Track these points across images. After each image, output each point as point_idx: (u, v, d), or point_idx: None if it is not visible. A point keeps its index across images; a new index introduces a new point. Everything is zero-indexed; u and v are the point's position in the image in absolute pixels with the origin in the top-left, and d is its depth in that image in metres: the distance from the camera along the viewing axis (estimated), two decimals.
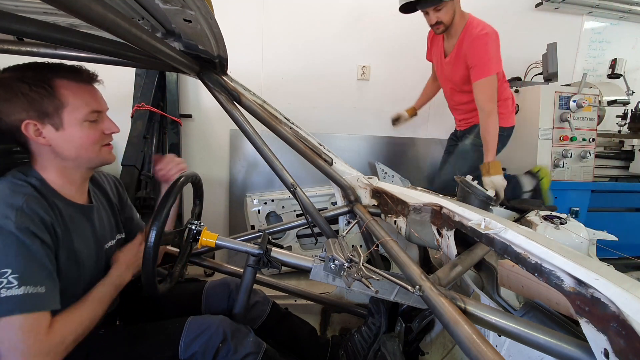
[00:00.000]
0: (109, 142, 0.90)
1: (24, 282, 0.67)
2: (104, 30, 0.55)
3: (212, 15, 0.74)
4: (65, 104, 0.79)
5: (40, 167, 0.83)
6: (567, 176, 2.24)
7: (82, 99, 0.82)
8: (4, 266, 0.67)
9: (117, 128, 0.90)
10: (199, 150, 2.50)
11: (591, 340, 0.54)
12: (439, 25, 1.78)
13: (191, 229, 1.02)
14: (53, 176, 0.83)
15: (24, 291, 0.67)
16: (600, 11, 2.79)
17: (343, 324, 1.60)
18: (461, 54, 1.82)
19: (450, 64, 1.93)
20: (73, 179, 0.87)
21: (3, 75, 0.78)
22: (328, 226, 1.44)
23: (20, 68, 0.79)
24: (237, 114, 1.27)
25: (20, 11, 0.92)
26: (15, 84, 0.76)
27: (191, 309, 1.06)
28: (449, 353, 1.19)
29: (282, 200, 2.39)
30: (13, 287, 0.66)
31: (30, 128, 0.77)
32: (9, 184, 0.76)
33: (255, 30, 2.42)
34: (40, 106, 0.77)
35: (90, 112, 0.83)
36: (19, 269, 0.67)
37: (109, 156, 0.90)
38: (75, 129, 0.81)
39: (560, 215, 1.13)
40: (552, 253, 0.62)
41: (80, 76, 0.83)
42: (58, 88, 0.79)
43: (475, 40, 1.74)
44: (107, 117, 0.89)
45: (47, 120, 0.78)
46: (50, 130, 0.79)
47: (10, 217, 0.69)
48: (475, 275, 1.10)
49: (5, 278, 0.66)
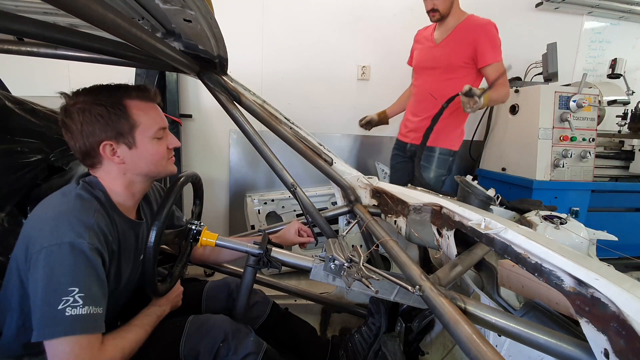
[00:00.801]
0: (172, 155, 0.93)
1: (88, 302, 0.69)
2: (104, 30, 0.55)
3: (212, 15, 0.74)
4: (138, 124, 0.82)
5: (107, 181, 0.85)
6: (567, 176, 2.24)
7: (151, 118, 0.85)
8: (72, 285, 0.68)
9: (179, 142, 0.94)
10: (199, 150, 2.50)
11: (591, 340, 0.54)
12: (435, 13, 1.81)
13: (191, 229, 1.02)
14: (118, 190, 0.86)
15: (87, 311, 0.69)
16: (600, 11, 2.79)
17: (343, 324, 1.60)
18: (459, 37, 1.83)
19: (443, 48, 1.88)
20: (135, 193, 0.90)
21: (78, 99, 0.80)
22: (328, 226, 1.44)
23: (93, 91, 0.81)
24: (237, 114, 1.27)
25: (20, 11, 0.92)
26: (93, 107, 0.79)
27: (191, 309, 1.06)
28: (449, 353, 1.19)
29: (282, 200, 2.39)
30: (78, 307, 0.68)
31: (107, 149, 0.81)
32: (78, 198, 0.78)
33: (255, 30, 2.42)
34: (117, 127, 0.80)
35: (158, 129, 0.86)
36: (85, 289, 0.69)
37: (173, 167, 0.94)
38: (147, 146, 0.84)
39: (560, 215, 1.13)
40: (552, 253, 0.62)
41: (148, 95, 0.86)
42: (130, 108, 0.82)
43: (486, 25, 1.79)
44: (169, 132, 0.92)
45: (121, 139, 0.82)
46: (124, 149, 0.82)
47: (84, 236, 0.72)
48: (475, 275, 1.10)
49: (72, 297, 0.68)
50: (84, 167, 0.89)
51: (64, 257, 0.69)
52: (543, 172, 2.21)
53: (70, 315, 0.67)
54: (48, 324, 0.67)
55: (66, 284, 0.68)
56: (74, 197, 0.79)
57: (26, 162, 1.09)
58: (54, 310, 0.67)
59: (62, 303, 0.67)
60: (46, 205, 0.79)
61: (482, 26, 1.79)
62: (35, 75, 2.11)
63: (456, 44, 1.85)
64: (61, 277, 0.68)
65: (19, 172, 1.06)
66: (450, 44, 1.87)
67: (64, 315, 0.67)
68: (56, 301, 0.67)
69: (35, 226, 0.74)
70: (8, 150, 1.05)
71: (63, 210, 0.75)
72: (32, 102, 1.19)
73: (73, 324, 0.67)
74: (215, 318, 0.96)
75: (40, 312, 0.68)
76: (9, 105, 1.10)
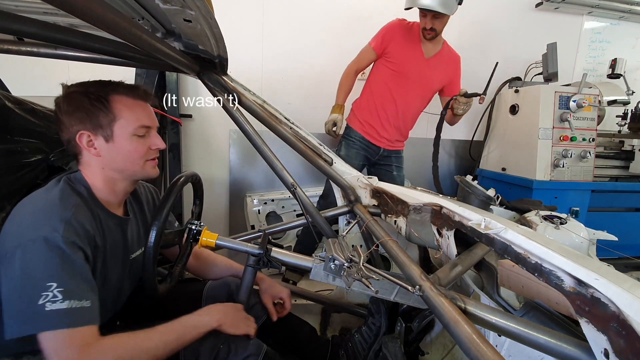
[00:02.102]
0: (154, 157, 0.92)
1: (68, 296, 0.68)
2: (104, 30, 0.55)
3: (212, 15, 0.74)
4: (118, 118, 0.82)
5: (88, 175, 0.85)
6: (567, 176, 2.24)
7: (134, 114, 0.85)
8: (49, 280, 0.67)
9: (163, 144, 0.92)
10: (199, 150, 2.50)
11: (591, 340, 0.54)
12: (432, 32, 1.84)
13: (191, 229, 1.02)
14: (99, 185, 0.86)
15: (68, 305, 0.68)
16: (600, 11, 2.79)
17: (343, 324, 1.60)
18: (443, 63, 1.98)
19: (433, 68, 1.97)
20: (116, 190, 0.89)
21: (69, 90, 0.83)
22: (328, 226, 1.44)
23: (85, 84, 0.84)
24: (237, 114, 1.27)
25: (20, 11, 0.92)
26: (79, 97, 0.81)
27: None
28: (449, 353, 1.19)
29: (282, 200, 2.39)
30: (57, 301, 0.67)
31: (84, 138, 0.81)
32: (59, 192, 0.78)
33: (255, 30, 2.42)
34: (96, 118, 0.81)
35: (140, 126, 0.85)
36: (63, 283, 0.68)
37: (153, 171, 0.92)
38: (124, 141, 0.84)
39: (560, 215, 1.13)
40: (552, 253, 0.62)
41: (137, 92, 0.87)
42: (114, 102, 0.82)
43: (459, 61, 2.04)
44: (155, 133, 0.91)
45: (99, 131, 0.82)
46: (102, 141, 0.82)
47: (59, 230, 0.71)
48: (475, 275, 1.10)
49: (51, 292, 0.66)
50: None
51: (39, 253, 0.68)
52: (543, 172, 2.21)
53: (51, 310, 0.66)
54: (28, 320, 0.66)
55: (43, 279, 0.67)
56: (55, 192, 0.78)
57: (26, 162, 1.09)
58: (33, 306, 0.66)
59: (41, 298, 0.66)
60: (26, 202, 0.78)
61: (458, 60, 2.04)
62: (35, 75, 2.11)
63: (442, 69, 1.99)
64: (37, 273, 0.67)
65: (19, 172, 1.06)
66: (437, 66, 1.97)
67: (44, 310, 0.66)
68: (35, 297, 0.66)
69: (14, 222, 0.74)
70: (8, 150, 1.05)
71: (41, 206, 0.75)
72: (32, 102, 1.18)
73: (56, 318, 0.67)
74: None
75: (17, 308, 0.67)
76: (9, 105, 1.09)
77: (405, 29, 1.95)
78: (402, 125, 2.07)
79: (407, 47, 1.93)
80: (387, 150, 2.10)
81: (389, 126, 2.04)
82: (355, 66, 2.06)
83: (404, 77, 1.96)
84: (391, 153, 2.13)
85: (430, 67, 1.95)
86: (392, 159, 2.15)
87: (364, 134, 2.05)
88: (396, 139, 2.11)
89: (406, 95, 1.98)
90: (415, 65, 1.94)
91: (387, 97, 2.00)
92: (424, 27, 1.83)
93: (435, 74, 1.97)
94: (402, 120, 2.05)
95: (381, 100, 2.01)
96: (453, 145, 2.90)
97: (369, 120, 2.04)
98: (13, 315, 0.67)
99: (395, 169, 2.15)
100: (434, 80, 2.00)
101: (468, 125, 2.81)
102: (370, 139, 2.05)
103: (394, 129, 2.05)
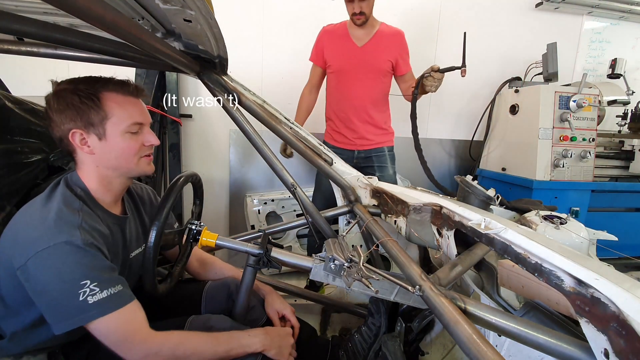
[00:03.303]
0: (148, 153, 0.92)
1: (104, 287, 0.74)
2: (104, 30, 0.55)
3: (212, 15, 0.74)
4: (110, 115, 0.82)
5: (84, 175, 0.86)
6: (567, 176, 2.24)
7: (125, 111, 0.84)
8: (82, 279, 0.72)
9: (157, 140, 0.92)
10: (199, 150, 2.50)
11: (591, 340, 0.54)
12: (361, 16, 1.82)
13: (191, 229, 1.02)
14: (94, 185, 0.86)
15: (107, 294, 0.74)
16: (600, 11, 2.79)
17: (343, 324, 1.60)
18: (382, 45, 1.92)
19: (370, 52, 1.91)
20: (112, 188, 0.89)
21: (59, 87, 0.83)
22: (328, 226, 1.44)
23: (74, 81, 0.84)
24: (237, 114, 1.27)
25: (20, 11, 0.92)
26: (69, 95, 0.80)
27: (191, 309, 1.06)
28: (449, 353, 1.19)
29: (282, 200, 2.39)
30: (97, 293, 0.72)
31: (77, 137, 0.81)
32: (61, 198, 0.80)
33: (255, 30, 2.42)
34: (88, 117, 0.81)
35: (132, 124, 0.85)
36: (95, 278, 0.73)
37: (148, 167, 0.92)
38: (117, 139, 0.84)
39: (560, 215, 1.13)
40: (552, 253, 0.62)
41: (127, 89, 0.86)
42: (105, 100, 0.82)
43: (402, 35, 1.96)
44: (148, 129, 0.91)
45: (92, 129, 0.82)
46: (94, 139, 0.82)
47: (75, 234, 0.74)
48: (475, 275, 1.10)
49: (87, 288, 0.72)
50: None
51: (64, 255, 0.72)
52: (543, 172, 2.21)
53: (94, 302, 0.72)
54: (75, 314, 0.71)
55: (76, 280, 0.71)
56: (58, 198, 0.79)
57: (26, 162, 1.09)
58: (76, 302, 0.71)
59: (81, 295, 0.71)
60: (30, 211, 0.79)
61: (400, 35, 1.95)
62: (35, 75, 2.11)
63: (382, 49, 1.91)
64: (68, 276, 0.71)
65: (19, 172, 1.06)
66: (376, 49, 1.92)
67: (88, 304, 0.71)
68: (75, 295, 0.71)
69: (23, 233, 0.75)
70: (8, 150, 1.05)
71: (49, 215, 0.76)
72: (32, 102, 1.18)
73: (101, 307, 0.72)
74: (215, 318, 0.96)
75: (60, 308, 0.72)
76: (9, 105, 1.10)
77: (332, 31, 1.99)
78: (366, 115, 1.98)
79: (338, 45, 1.96)
80: (363, 151, 2.02)
81: (352, 123, 1.99)
82: (308, 85, 2.11)
83: (342, 72, 1.97)
84: (370, 153, 2.03)
85: (367, 53, 1.92)
86: (373, 159, 2.04)
87: (333, 142, 2.07)
88: (370, 134, 2.00)
89: (351, 86, 1.95)
90: (349, 58, 1.94)
91: (336, 97, 2.02)
92: (353, 12, 1.82)
93: (374, 57, 1.92)
94: (361, 111, 1.97)
95: (334, 103, 2.04)
96: (453, 145, 2.91)
97: (332, 127, 2.08)
98: (58, 313, 0.72)
99: (377, 170, 2.03)
100: (375, 63, 1.93)
101: (468, 125, 2.81)
102: (339, 145, 2.05)
103: (361, 123, 1.99)
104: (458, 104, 2.85)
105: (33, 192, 1.11)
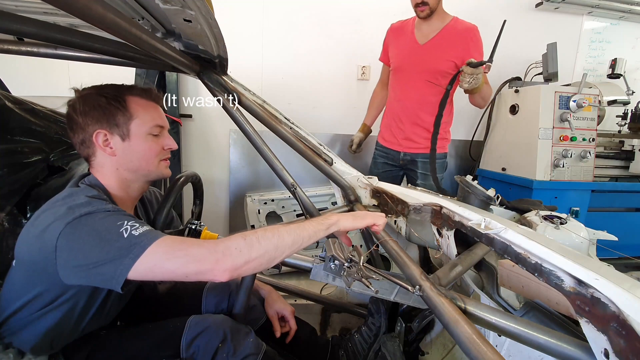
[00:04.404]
0: (167, 157, 0.94)
1: (141, 225, 0.72)
2: (104, 30, 0.55)
3: (212, 15, 0.74)
4: (134, 117, 0.86)
5: (103, 178, 0.87)
6: (567, 176, 2.24)
7: (148, 114, 0.88)
8: (118, 222, 0.70)
9: (175, 145, 0.95)
10: (199, 150, 2.50)
11: (591, 340, 0.54)
12: (424, 7, 1.71)
13: (191, 229, 1.02)
14: (114, 188, 0.87)
15: (147, 228, 0.72)
16: (600, 11, 2.79)
17: (343, 324, 1.60)
18: (446, 42, 1.78)
19: (430, 50, 1.81)
20: (130, 192, 0.91)
21: (84, 92, 0.86)
22: None
23: (99, 86, 0.88)
24: (237, 114, 1.27)
25: (20, 11, 0.92)
26: (95, 97, 0.84)
27: (191, 309, 1.06)
28: (449, 353, 1.19)
29: (282, 200, 2.39)
30: (138, 228, 0.70)
31: (100, 137, 0.83)
32: (86, 190, 0.80)
33: (255, 30, 2.42)
34: (114, 117, 0.84)
35: (155, 125, 0.89)
36: (130, 219, 0.72)
37: (166, 170, 0.94)
38: (140, 140, 0.86)
39: (560, 215, 1.13)
40: (552, 253, 0.62)
41: (150, 95, 0.91)
42: (130, 102, 0.86)
43: (474, 30, 1.78)
44: (167, 134, 0.94)
45: (116, 130, 0.84)
46: (118, 140, 0.85)
47: (94, 204, 0.74)
48: (475, 275, 1.10)
49: (128, 225, 0.70)
50: (83, 167, 0.89)
51: (94, 215, 0.71)
52: (543, 172, 2.20)
53: (140, 233, 0.69)
54: (128, 250, 0.67)
55: (114, 225, 0.69)
56: (76, 190, 0.80)
57: (26, 162, 1.09)
58: (123, 241, 0.67)
59: (124, 233, 0.68)
60: (49, 204, 0.78)
61: (470, 30, 1.78)
62: (35, 75, 2.11)
63: (444, 48, 1.78)
64: (105, 225, 0.70)
65: (19, 172, 1.06)
66: (438, 47, 1.80)
67: (135, 236, 0.68)
68: (118, 236, 0.68)
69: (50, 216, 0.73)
70: (8, 150, 1.05)
71: (75, 198, 0.76)
72: (32, 102, 1.19)
73: (147, 236, 0.68)
74: (215, 318, 0.96)
75: (109, 254, 0.67)
76: (9, 105, 1.10)
77: (397, 28, 1.96)
78: (415, 117, 1.90)
79: (400, 43, 1.92)
80: (409, 154, 1.95)
81: (402, 123, 1.94)
82: (379, 83, 2.15)
83: (399, 70, 1.93)
84: (416, 157, 1.94)
85: (427, 51, 1.83)
86: (418, 164, 1.95)
87: (381, 140, 2.08)
88: (418, 136, 1.92)
89: (405, 86, 1.91)
90: (407, 56, 1.87)
91: (391, 96, 2.02)
92: (415, 3, 1.74)
93: (434, 56, 1.80)
94: (412, 114, 1.90)
95: (389, 102, 2.04)
96: (453, 145, 2.90)
97: (384, 126, 2.08)
98: (111, 261, 0.67)
99: (420, 177, 1.94)
100: (434, 63, 1.81)
101: (468, 125, 2.81)
102: (386, 144, 2.04)
103: (410, 125, 1.92)
104: (458, 103, 2.85)
105: (33, 192, 1.11)
